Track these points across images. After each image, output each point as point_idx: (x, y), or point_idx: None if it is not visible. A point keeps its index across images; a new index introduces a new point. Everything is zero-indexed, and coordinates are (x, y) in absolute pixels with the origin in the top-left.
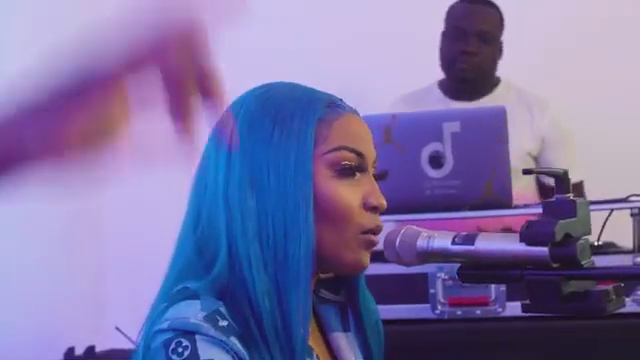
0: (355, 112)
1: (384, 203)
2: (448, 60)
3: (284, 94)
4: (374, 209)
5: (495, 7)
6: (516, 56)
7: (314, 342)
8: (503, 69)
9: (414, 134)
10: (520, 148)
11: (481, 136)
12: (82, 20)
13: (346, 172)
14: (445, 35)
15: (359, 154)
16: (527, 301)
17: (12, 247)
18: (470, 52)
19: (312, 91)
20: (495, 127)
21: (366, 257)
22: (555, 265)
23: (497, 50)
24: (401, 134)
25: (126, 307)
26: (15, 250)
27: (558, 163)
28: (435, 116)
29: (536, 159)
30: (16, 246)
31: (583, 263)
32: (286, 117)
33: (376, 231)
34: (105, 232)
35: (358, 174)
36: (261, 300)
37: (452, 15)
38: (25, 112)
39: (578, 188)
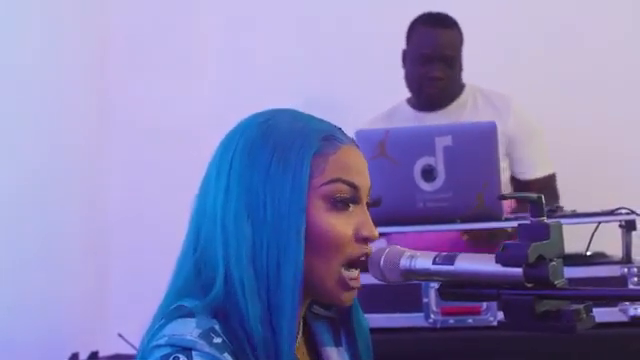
0: (353, 143)
1: (376, 234)
2: (414, 84)
3: (284, 124)
4: (365, 240)
5: (455, 26)
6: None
7: (305, 357)
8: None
9: (407, 148)
10: None
11: (472, 150)
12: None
13: (340, 205)
14: (409, 58)
15: (354, 186)
16: (503, 319)
17: (15, 253)
18: (437, 78)
19: (312, 122)
20: (486, 141)
21: (347, 296)
22: (529, 285)
23: (460, 66)
24: (395, 148)
25: (129, 314)
26: (18, 256)
27: (527, 160)
28: (428, 131)
29: (508, 156)
30: (19, 252)
31: (556, 283)
32: (284, 149)
33: (363, 258)
34: (109, 238)
35: (352, 206)
36: (254, 325)
37: (415, 40)
38: None
39: (549, 181)
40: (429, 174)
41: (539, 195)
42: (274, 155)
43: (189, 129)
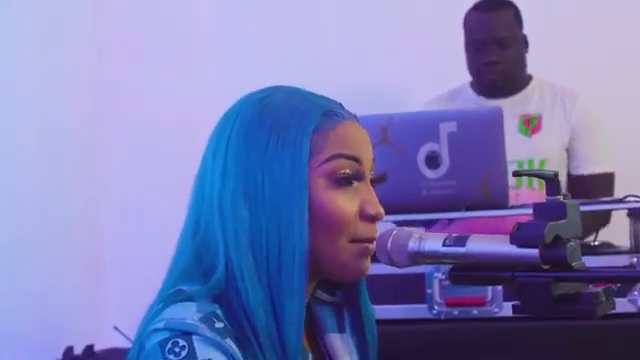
0: (354, 118)
1: (382, 212)
2: (474, 72)
3: (281, 102)
4: (371, 218)
5: (507, 6)
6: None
7: (309, 343)
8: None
9: (411, 134)
10: (559, 141)
11: (478, 136)
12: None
13: (343, 182)
14: (466, 47)
15: (355, 159)
16: (518, 303)
17: (9, 245)
18: (492, 62)
19: (310, 98)
20: (492, 128)
21: (364, 264)
22: (545, 267)
23: (521, 47)
24: (398, 134)
25: (125, 306)
26: (12, 248)
27: (584, 153)
28: (432, 116)
29: (567, 150)
30: (13, 244)
31: (573, 265)
32: (282, 127)
33: (369, 241)
34: (104, 231)
35: (355, 182)
36: (255, 311)
37: (468, 27)
38: None
39: (605, 179)
40: (433, 161)
41: (555, 172)
42: (271, 134)
43: (187, 123)
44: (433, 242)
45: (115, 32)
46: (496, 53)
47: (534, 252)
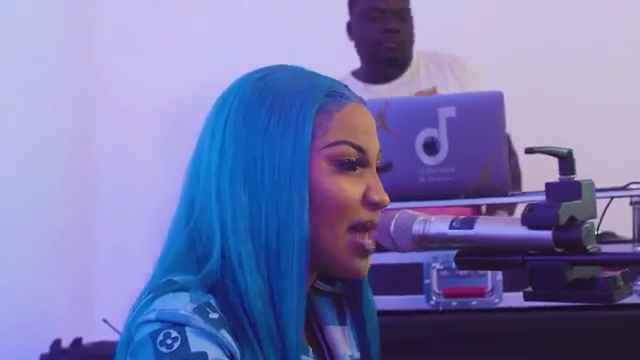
0: (360, 101)
1: (387, 200)
2: (370, 42)
3: (283, 80)
4: (375, 205)
5: None
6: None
7: (308, 335)
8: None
9: (408, 120)
10: None
11: (477, 122)
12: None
13: (347, 166)
14: (358, 20)
15: (361, 149)
16: (529, 288)
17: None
18: (393, 29)
19: (314, 77)
20: (492, 112)
21: (361, 264)
22: (559, 250)
23: (412, 23)
24: (395, 120)
25: (113, 299)
26: (0, 240)
27: None
28: (430, 101)
29: None
30: (1, 237)
31: (588, 248)
32: (283, 107)
33: (369, 226)
34: (94, 224)
35: (359, 169)
36: (253, 301)
37: None
38: None
39: None
40: (431, 147)
41: (569, 150)
42: (272, 114)
43: (178, 107)
44: (439, 224)
45: (105, 16)
46: (396, 22)
47: (547, 234)
